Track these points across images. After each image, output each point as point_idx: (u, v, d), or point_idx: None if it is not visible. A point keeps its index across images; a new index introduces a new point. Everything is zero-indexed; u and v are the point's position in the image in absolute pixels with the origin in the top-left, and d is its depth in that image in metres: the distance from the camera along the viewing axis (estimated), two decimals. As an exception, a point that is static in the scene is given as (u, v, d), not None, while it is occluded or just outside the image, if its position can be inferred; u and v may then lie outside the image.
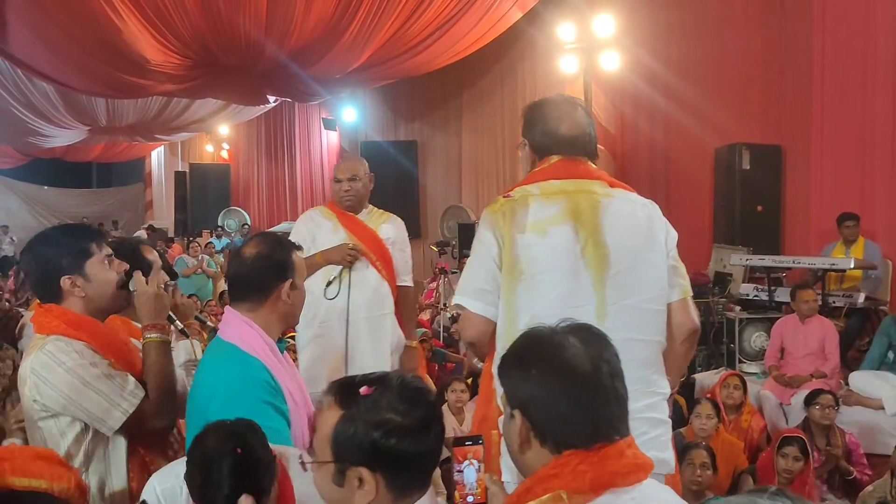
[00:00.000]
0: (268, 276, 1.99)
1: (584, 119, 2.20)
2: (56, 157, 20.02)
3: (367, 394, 1.31)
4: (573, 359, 1.28)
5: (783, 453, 3.89)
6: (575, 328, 1.35)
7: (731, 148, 7.24)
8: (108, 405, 1.93)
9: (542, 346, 1.32)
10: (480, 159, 12.32)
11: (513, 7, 9.20)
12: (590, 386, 1.27)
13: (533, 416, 1.29)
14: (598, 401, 1.27)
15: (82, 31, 7.86)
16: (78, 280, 2.03)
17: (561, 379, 1.27)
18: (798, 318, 5.33)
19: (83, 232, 2.15)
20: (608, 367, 1.30)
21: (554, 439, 1.28)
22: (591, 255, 2.03)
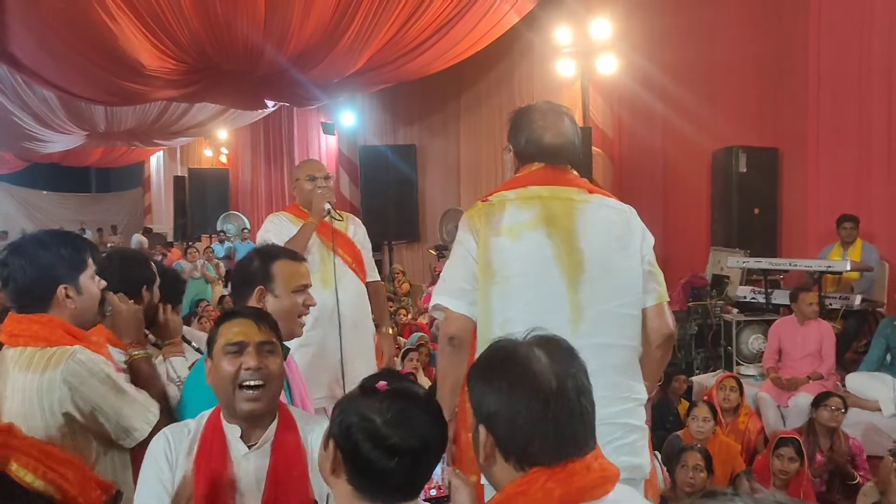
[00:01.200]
0: (243, 283, 2.17)
1: (570, 128, 2.23)
2: (54, 162, 20.05)
3: (381, 388, 1.35)
4: (538, 374, 1.26)
5: (778, 454, 3.90)
6: (542, 341, 1.32)
7: (728, 151, 7.26)
8: (140, 415, 1.96)
9: (507, 359, 1.30)
10: (479, 163, 12.33)
11: (510, 11, 9.22)
12: (554, 403, 1.24)
13: (496, 432, 1.27)
14: (562, 418, 1.24)
15: (79, 37, 7.87)
16: (71, 290, 1.99)
17: (525, 395, 1.25)
18: (797, 320, 5.34)
19: (80, 242, 2.11)
20: (574, 382, 1.27)
21: (517, 456, 1.26)
22: (565, 260, 2.05)
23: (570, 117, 2.27)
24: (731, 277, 6.78)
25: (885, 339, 5.14)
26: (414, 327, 8.22)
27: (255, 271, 2.15)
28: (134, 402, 1.95)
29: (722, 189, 7.44)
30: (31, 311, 1.97)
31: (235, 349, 1.74)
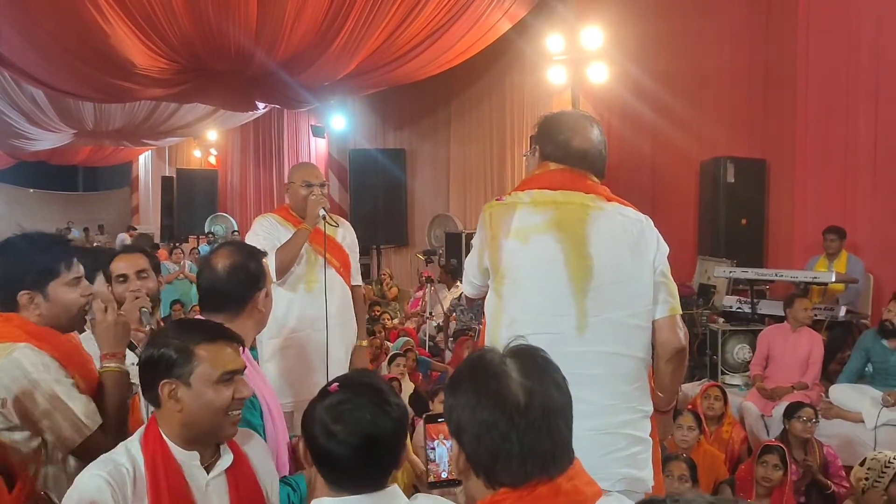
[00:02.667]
0: (245, 286, 2.01)
1: (598, 136, 2.24)
2: (42, 160, 19.91)
3: (333, 390, 1.51)
4: (505, 391, 1.20)
5: (763, 461, 3.93)
6: (517, 352, 1.26)
7: (717, 161, 7.30)
8: (73, 424, 1.89)
9: (477, 371, 1.25)
10: (468, 168, 12.35)
11: (502, 18, 9.25)
12: (520, 420, 1.18)
13: (465, 448, 1.23)
14: (528, 437, 1.18)
15: (69, 35, 7.82)
16: (37, 297, 1.99)
17: (490, 410, 1.20)
18: (789, 328, 5.36)
19: (56, 250, 2.09)
20: (543, 399, 1.21)
21: (485, 473, 1.22)
22: (574, 265, 2.04)
23: (598, 127, 2.27)
24: (717, 287, 6.82)
25: (865, 350, 5.17)
26: (402, 332, 8.21)
27: (255, 272, 2.06)
28: (67, 410, 1.88)
29: (710, 198, 7.48)
30: (3, 307, 1.99)
31: (230, 377, 1.64)
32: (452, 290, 9.11)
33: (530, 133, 9.71)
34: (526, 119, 10.64)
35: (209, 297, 2.05)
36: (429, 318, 8.63)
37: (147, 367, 1.63)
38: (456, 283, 9.09)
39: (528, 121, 10.56)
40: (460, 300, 8.32)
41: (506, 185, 11.27)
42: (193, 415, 1.60)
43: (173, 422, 1.61)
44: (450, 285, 9.40)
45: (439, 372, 6.72)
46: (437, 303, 8.84)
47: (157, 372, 1.61)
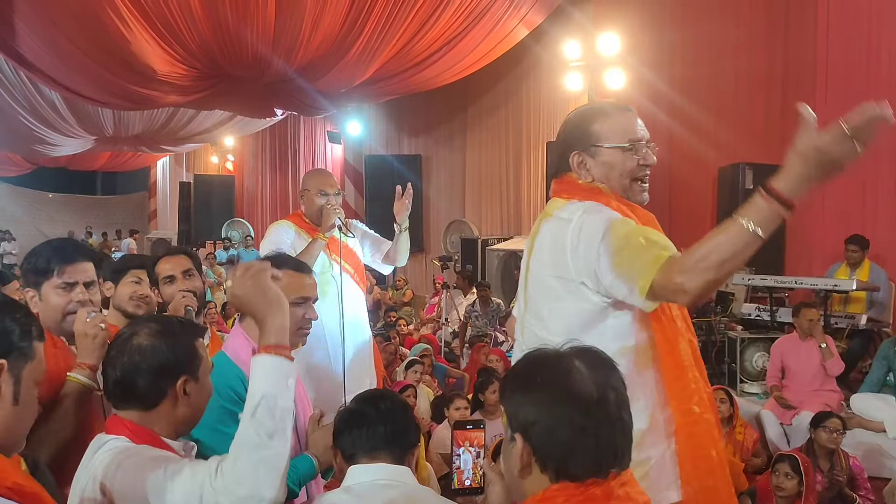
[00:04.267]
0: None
1: (569, 119, 2.14)
2: (61, 165, 20.14)
3: None
4: (579, 384, 1.24)
5: (775, 470, 3.90)
6: (581, 351, 1.30)
7: (735, 167, 7.25)
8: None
9: (546, 368, 1.28)
10: (484, 175, 12.36)
11: (519, 25, 9.26)
12: (595, 414, 1.22)
13: (534, 442, 1.25)
14: (603, 430, 1.22)
15: (91, 41, 7.92)
16: (35, 297, 2.06)
17: (566, 405, 1.23)
18: (798, 337, 5.31)
19: (56, 251, 2.13)
20: (615, 394, 1.25)
21: (555, 466, 1.24)
22: (523, 280, 2.06)
23: (578, 109, 2.15)
24: (735, 294, 6.75)
25: (886, 360, 5.11)
26: (422, 339, 8.21)
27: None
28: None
29: (728, 205, 7.42)
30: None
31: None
32: (468, 296, 9.10)
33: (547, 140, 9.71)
34: (542, 125, 10.64)
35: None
36: (444, 324, 8.62)
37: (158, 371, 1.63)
38: (472, 289, 9.08)
39: (545, 127, 10.55)
40: (475, 306, 8.31)
41: (522, 192, 11.26)
42: (200, 407, 1.67)
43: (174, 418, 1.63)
44: (465, 291, 9.39)
45: (455, 378, 6.70)
46: (453, 308, 8.83)
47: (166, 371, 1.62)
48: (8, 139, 13.69)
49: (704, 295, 1.65)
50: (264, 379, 1.52)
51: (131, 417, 1.60)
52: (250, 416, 1.48)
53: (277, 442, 1.48)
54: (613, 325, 1.86)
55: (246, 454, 1.45)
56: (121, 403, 1.62)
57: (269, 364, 1.52)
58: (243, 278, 1.60)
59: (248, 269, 1.61)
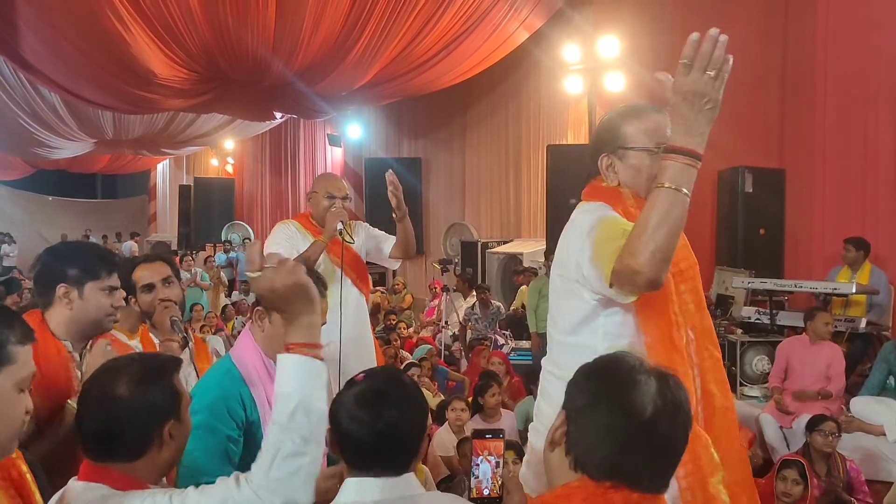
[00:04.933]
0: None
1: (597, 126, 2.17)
2: (61, 168, 20.14)
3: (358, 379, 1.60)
4: (636, 399, 1.24)
5: (782, 476, 3.88)
6: (662, 374, 1.29)
7: (734, 171, 7.27)
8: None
9: (618, 371, 1.30)
10: (484, 178, 12.36)
11: (518, 28, 9.27)
12: (635, 431, 1.23)
13: (572, 425, 1.29)
14: (636, 449, 1.23)
15: (91, 44, 7.93)
16: (72, 293, 2.09)
17: (614, 410, 1.24)
18: (809, 340, 5.29)
19: (103, 258, 2.20)
20: (667, 428, 1.24)
21: (575, 455, 1.27)
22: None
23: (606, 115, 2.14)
24: (735, 298, 6.76)
25: (886, 363, 5.11)
26: (419, 341, 8.21)
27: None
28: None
29: (728, 209, 7.44)
30: (41, 298, 2.12)
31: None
32: (468, 299, 9.10)
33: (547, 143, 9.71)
34: (542, 128, 10.64)
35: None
36: (444, 326, 8.62)
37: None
38: (472, 292, 9.08)
39: (544, 130, 10.56)
40: (474, 309, 8.31)
41: (521, 195, 11.27)
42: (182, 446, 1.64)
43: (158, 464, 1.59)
44: (465, 294, 9.39)
45: (455, 382, 6.69)
46: (453, 311, 8.83)
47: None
48: (7, 142, 13.71)
49: (655, 271, 1.62)
50: (297, 380, 1.46)
51: (111, 467, 1.50)
52: (287, 421, 1.42)
53: (313, 447, 1.44)
54: (604, 324, 1.86)
55: (280, 462, 1.40)
56: (103, 458, 1.50)
57: (301, 365, 1.47)
58: (280, 271, 1.50)
59: (285, 263, 1.53)
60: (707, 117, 1.68)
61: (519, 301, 8.63)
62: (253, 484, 1.40)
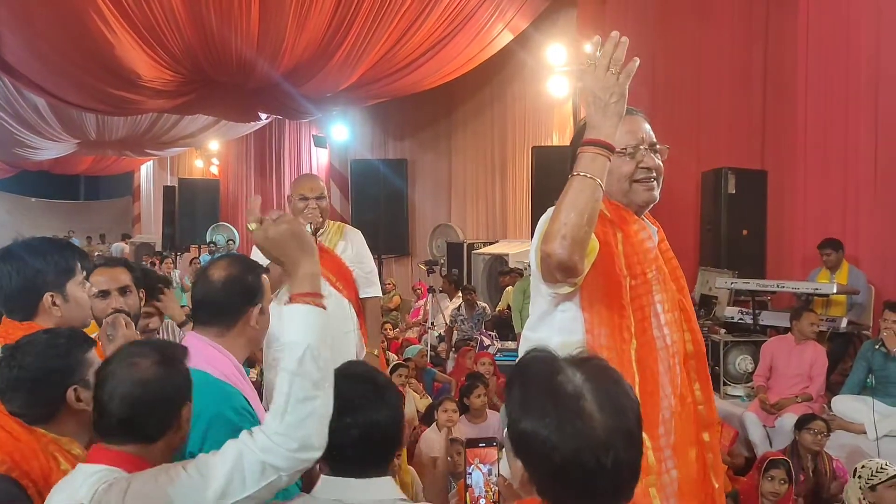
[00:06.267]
0: (239, 300, 1.92)
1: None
2: (44, 169, 19.96)
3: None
4: (588, 419, 1.13)
5: (770, 476, 3.91)
6: (580, 360, 1.21)
7: (717, 172, 7.31)
8: None
9: (555, 390, 1.17)
10: (469, 179, 12.38)
11: (503, 30, 9.30)
12: (600, 453, 1.11)
13: (529, 463, 1.18)
14: (599, 477, 1.12)
15: (74, 46, 7.88)
16: (58, 298, 2.00)
17: (568, 437, 1.13)
18: (794, 340, 5.36)
19: (70, 249, 2.10)
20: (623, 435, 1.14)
21: (549, 495, 1.17)
22: None
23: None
24: (719, 298, 6.81)
25: (866, 361, 5.16)
26: (404, 342, 8.22)
27: (251, 287, 1.94)
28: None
29: (711, 209, 7.49)
30: (17, 316, 1.98)
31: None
32: (454, 300, 9.11)
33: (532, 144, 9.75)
34: (527, 130, 10.68)
35: (201, 308, 1.94)
36: (430, 328, 8.63)
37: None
38: (457, 293, 9.10)
39: (530, 131, 10.60)
40: (460, 310, 8.33)
41: (507, 196, 11.30)
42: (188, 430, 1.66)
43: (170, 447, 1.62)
44: (451, 295, 9.40)
45: (442, 383, 6.71)
46: (439, 312, 8.84)
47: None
48: (-11, 143, 13.58)
49: (566, 254, 1.67)
50: (304, 329, 1.49)
51: (128, 451, 1.53)
52: (297, 367, 1.45)
53: (323, 391, 1.48)
54: (560, 319, 1.89)
55: (293, 408, 1.44)
56: (121, 440, 1.53)
57: (306, 314, 1.50)
58: (277, 223, 1.57)
59: (281, 215, 1.60)
60: (615, 110, 1.79)
61: (504, 302, 8.66)
62: (268, 431, 1.44)
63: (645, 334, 1.88)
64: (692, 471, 1.90)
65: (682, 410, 1.91)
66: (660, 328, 1.90)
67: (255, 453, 1.42)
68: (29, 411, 1.74)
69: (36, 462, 1.68)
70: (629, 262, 1.89)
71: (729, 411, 5.41)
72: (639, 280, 1.89)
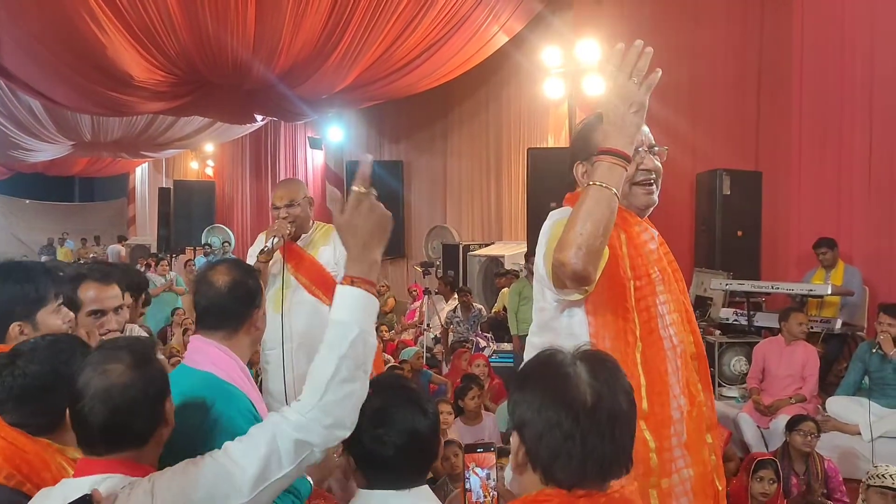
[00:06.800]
0: (243, 304, 1.95)
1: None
2: (38, 171, 19.91)
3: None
4: (573, 390, 1.22)
5: (758, 476, 3.92)
6: (588, 356, 1.28)
7: (712, 173, 7.33)
8: None
9: (546, 369, 1.28)
10: (465, 181, 12.38)
11: (498, 32, 9.31)
12: (585, 421, 1.20)
13: (527, 441, 1.26)
14: (590, 440, 1.20)
15: (68, 48, 7.85)
16: (27, 328, 1.95)
17: (556, 409, 1.21)
18: (784, 341, 5.37)
19: (42, 277, 2.05)
20: (611, 404, 1.22)
21: (542, 468, 1.24)
22: None
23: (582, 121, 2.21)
24: (714, 299, 6.83)
25: (862, 362, 5.18)
26: (401, 344, 8.21)
27: (253, 291, 1.97)
28: None
29: (706, 211, 7.51)
30: None
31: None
32: (450, 302, 9.11)
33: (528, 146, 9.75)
34: (522, 131, 10.69)
35: (208, 313, 1.95)
36: (426, 329, 8.62)
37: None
38: (453, 294, 9.10)
39: (525, 133, 10.60)
40: (456, 312, 8.32)
41: (503, 197, 11.30)
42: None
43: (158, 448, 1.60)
44: (447, 297, 9.40)
45: (438, 385, 6.71)
46: (435, 314, 8.84)
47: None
48: (-17, 145, 13.53)
49: (581, 264, 1.67)
50: (358, 311, 1.51)
51: (118, 458, 1.48)
52: (348, 348, 1.47)
53: (363, 375, 1.50)
54: (567, 324, 1.89)
55: (337, 386, 1.45)
56: (110, 449, 1.47)
57: (362, 298, 1.52)
58: (360, 206, 1.61)
59: (362, 199, 1.62)
60: (634, 120, 1.77)
61: (500, 303, 8.66)
62: (302, 408, 1.46)
63: (651, 335, 1.88)
64: (707, 469, 1.90)
65: (693, 409, 1.91)
66: (665, 329, 1.91)
67: (289, 433, 1.44)
68: (33, 421, 1.67)
69: (48, 473, 1.61)
70: (633, 263, 1.89)
71: (723, 412, 5.42)
72: (643, 281, 1.89)
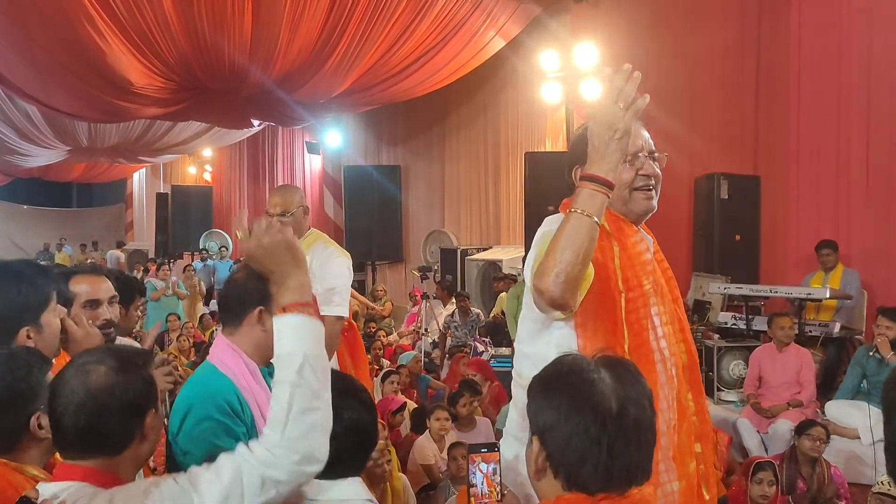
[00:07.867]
0: (237, 300, 1.96)
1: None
2: (35, 176, 19.90)
3: None
4: (599, 395, 1.23)
5: (757, 479, 3.92)
6: (610, 363, 1.29)
7: (710, 178, 7.34)
8: None
9: (571, 376, 1.28)
10: (463, 185, 12.38)
11: (495, 36, 9.31)
12: (612, 427, 1.21)
13: (549, 447, 1.26)
14: (617, 444, 1.21)
15: (66, 53, 7.84)
16: (33, 331, 1.92)
17: (583, 415, 1.22)
18: (776, 347, 5.37)
19: (42, 278, 2.02)
20: (636, 410, 1.24)
21: (566, 474, 1.24)
22: None
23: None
24: (712, 303, 6.83)
25: (860, 367, 5.17)
26: (399, 349, 8.19)
27: (254, 290, 1.94)
28: None
29: (704, 215, 7.51)
30: None
31: None
32: (448, 307, 9.10)
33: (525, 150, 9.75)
34: (520, 136, 10.69)
35: (219, 307, 2.10)
36: (424, 334, 8.61)
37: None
38: (451, 299, 9.08)
39: (523, 137, 10.60)
40: (454, 316, 8.31)
41: (500, 202, 11.30)
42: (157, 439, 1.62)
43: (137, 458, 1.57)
44: (445, 301, 9.39)
45: (436, 390, 6.69)
46: (433, 319, 8.82)
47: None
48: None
49: (559, 292, 1.68)
50: (299, 338, 1.46)
51: (93, 465, 1.43)
52: (297, 378, 1.42)
53: (323, 401, 1.45)
54: (558, 336, 1.88)
55: (295, 420, 1.40)
56: (83, 454, 1.43)
57: (300, 324, 1.48)
58: (268, 232, 1.56)
59: (271, 225, 1.58)
60: (617, 146, 1.74)
61: (498, 308, 8.65)
62: (268, 444, 1.40)
63: (641, 348, 1.86)
64: (693, 482, 1.89)
65: (681, 422, 1.90)
66: (657, 341, 1.89)
67: (255, 467, 1.38)
68: None
69: (12, 491, 1.54)
70: (626, 275, 1.87)
71: (722, 417, 5.42)
72: (636, 293, 1.88)
